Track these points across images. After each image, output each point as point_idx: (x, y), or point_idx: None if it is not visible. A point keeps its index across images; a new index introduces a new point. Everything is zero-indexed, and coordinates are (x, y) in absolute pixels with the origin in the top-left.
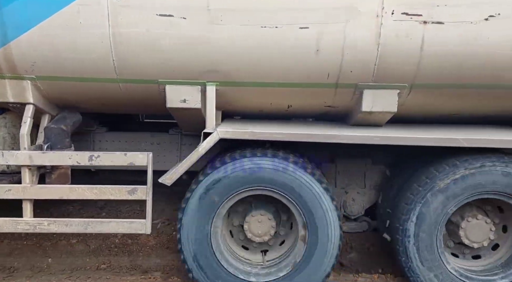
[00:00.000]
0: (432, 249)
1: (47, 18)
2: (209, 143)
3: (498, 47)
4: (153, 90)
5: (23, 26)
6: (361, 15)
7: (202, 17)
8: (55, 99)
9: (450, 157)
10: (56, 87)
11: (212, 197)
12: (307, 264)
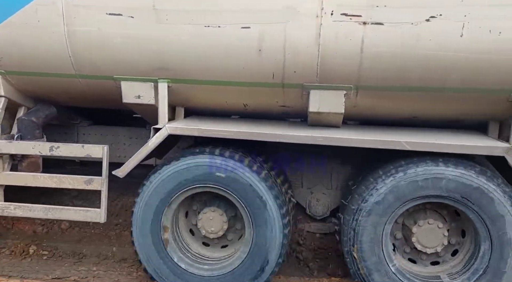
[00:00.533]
0: (376, 252)
1: (10, 17)
2: (158, 138)
3: (441, 48)
4: (111, 86)
5: None
6: (300, 15)
7: (149, 16)
8: (26, 93)
9: (400, 159)
10: (23, 81)
11: (160, 193)
12: (253, 260)
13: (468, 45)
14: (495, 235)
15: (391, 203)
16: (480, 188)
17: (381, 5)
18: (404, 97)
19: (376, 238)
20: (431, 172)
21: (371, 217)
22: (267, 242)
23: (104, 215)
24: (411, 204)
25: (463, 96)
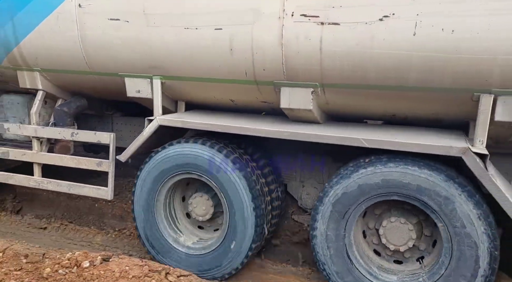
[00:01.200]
0: (338, 241)
1: (39, 24)
2: (151, 128)
3: (395, 47)
4: (119, 82)
5: (27, 30)
6: (265, 17)
7: (140, 20)
8: (60, 87)
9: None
10: (55, 77)
11: (153, 176)
12: (229, 244)
13: (422, 44)
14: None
15: (351, 199)
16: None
17: (337, 5)
18: (369, 95)
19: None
20: (397, 169)
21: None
22: (240, 226)
23: (111, 193)
24: (372, 201)
25: (424, 96)
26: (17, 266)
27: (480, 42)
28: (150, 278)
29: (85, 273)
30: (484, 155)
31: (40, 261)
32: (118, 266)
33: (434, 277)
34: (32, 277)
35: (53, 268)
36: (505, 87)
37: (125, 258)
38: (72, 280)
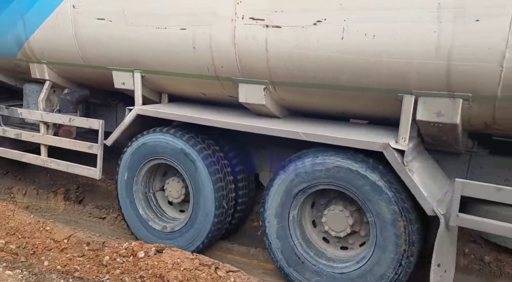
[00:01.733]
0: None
1: (43, 22)
2: (130, 117)
3: (327, 50)
4: (109, 74)
5: (34, 27)
6: (220, 19)
7: (121, 20)
8: (64, 78)
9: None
10: (59, 69)
11: (132, 161)
12: (194, 222)
13: (349, 47)
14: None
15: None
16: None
17: (279, 10)
18: (312, 93)
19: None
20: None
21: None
22: (202, 209)
23: (99, 173)
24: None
25: (358, 95)
26: (80, 253)
27: (398, 47)
28: (201, 271)
29: (140, 262)
30: (402, 150)
31: (100, 249)
32: (171, 258)
33: (363, 261)
34: (93, 263)
35: (111, 256)
36: (422, 89)
37: (177, 250)
38: (128, 268)
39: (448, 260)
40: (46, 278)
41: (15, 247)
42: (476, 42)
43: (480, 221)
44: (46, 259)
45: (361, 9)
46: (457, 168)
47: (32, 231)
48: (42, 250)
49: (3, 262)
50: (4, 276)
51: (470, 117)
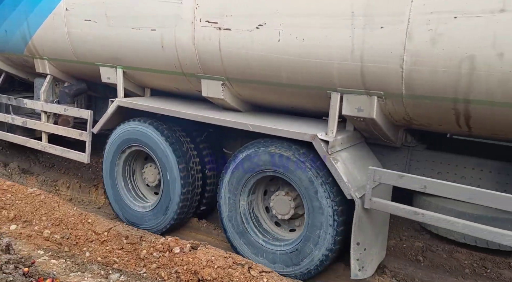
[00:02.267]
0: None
1: (43, 22)
2: (112, 107)
3: (268, 51)
4: (97, 69)
5: (36, 27)
6: (183, 21)
7: (104, 21)
8: (64, 72)
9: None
10: (57, 64)
11: (114, 147)
12: (164, 201)
13: (284, 49)
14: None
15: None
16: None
17: (229, 14)
18: (261, 89)
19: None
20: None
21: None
22: (171, 191)
23: (87, 158)
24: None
25: (297, 92)
26: (119, 246)
27: (322, 50)
28: (234, 270)
29: (176, 258)
30: (327, 141)
31: (138, 243)
32: (205, 255)
33: (297, 241)
34: (131, 256)
35: (148, 251)
36: (345, 87)
37: (211, 248)
38: (164, 263)
39: (367, 240)
40: (87, 269)
41: (59, 237)
42: (381, 47)
43: (388, 204)
44: (87, 250)
45: (292, 15)
46: (397, 161)
47: (75, 222)
48: (84, 241)
49: (49, 251)
50: (49, 265)
51: (390, 113)
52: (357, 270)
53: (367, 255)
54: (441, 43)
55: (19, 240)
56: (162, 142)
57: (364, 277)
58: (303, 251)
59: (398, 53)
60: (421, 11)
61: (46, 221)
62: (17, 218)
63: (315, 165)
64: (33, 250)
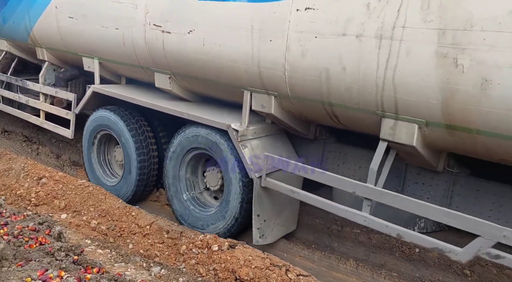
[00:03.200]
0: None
1: (40, 17)
2: (88, 93)
3: (196, 52)
4: (81, 59)
5: (35, 20)
6: (138, 23)
7: (82, 19)
8: (59, 59)
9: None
10: (53, 53)
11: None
12: (127, 176)
13: (207, 52)
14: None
15: (179, 152)
16: (216, 142)
17: (169, 20)
18: (197, 84)
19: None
20: (193, 134)
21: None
22: (129, 168)
23: (72, 134)
24: (192, 153)
25: (223, 88)
26: (160, 240)
27: (234, 55)
28: (271, 271)
29: (214, 255)
30: (238, 130)
31: (178, 238)
32: (243, 255)
33: (218, 207)
34: (171, 251)
35: (188, 246)
36: (251, 86)
37: (249, 247)
38: (203, 260)
39: (267, 213)
40: (130, 260)
41: (105, 228)
42: (271, 56)
43: (277, 184)
44: (130, 242)
45: (212, 25)
46: (314, 151)
47: (120, 215)
48: (127, 234)
49: (96, 241)
50: (96, 254)
51: (288, 109)
52: (258, 237)
53: (267, 225)
54: (308, 56)
55: (69, 229)
56: (123, 127)
57: (264, 243)
58: (220, 214)
59: (281, 62)
60: (295, 30)
61: (93, 212)
62: (67, 207)
63: (230, 147)
64: (81, 239)
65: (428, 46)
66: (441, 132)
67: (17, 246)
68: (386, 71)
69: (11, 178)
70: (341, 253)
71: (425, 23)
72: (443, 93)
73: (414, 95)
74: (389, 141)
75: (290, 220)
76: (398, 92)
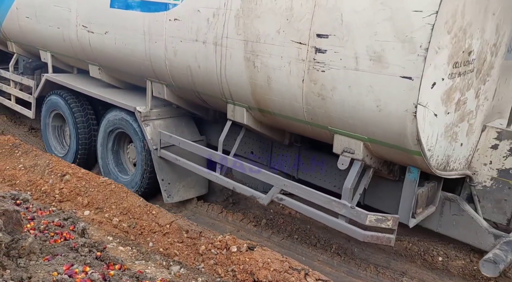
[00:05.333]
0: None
1: (6, 15)
2: (42, 81)
3: (111, 49)
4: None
5: (3, 17)
6: (71, 24)
7: (35, 19)
8: (25, 50)
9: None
10: (19, 45)
11: (45, 109)
12: (70, 149)
13: (118, 49)
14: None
15: (105, 131)
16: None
17: (92, 22)
18: (118, 73)
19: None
20: (114, 115)
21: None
22: (73, 140)
23: (33, 114)
24: (115, 131)
25: (134, 78)
26: (179, 239)
27: (135, 52)
28: (290, 275)
29: (233, 256)
30: (142, 113)
31: (197, 238)
32: (261, 257)
33: (133, 174)
34: (190, 250)
35: (207, 247)
36: (150, 77)
37: (267, 250)
38: (222, 260)
39: (169, 177)
40: (151, 258)
41: (126, 225)
42: (156, 53)
43: (167, 154)
44: (150, 240)
45: (120, 27)
46: (212, 130)
47: (140, 213)
48: (148, 232)
49: (117, 238)
50: (117, 251)
51: (179, 96)
52: (166, 197)
53: (172, 187)
54: (178, 55)
55: (92, 225)
56: (69, 110)
57: (172, 201)
58: (135, 179)
59: (163, 58)
60: (169, 35)
61: (115, 209)
62: (90, 204)
63: (137, 126)
64: (104, 236)
65: (240, 52)
66: (258, 114)
67: (43, 240)
68: (221, 70)
69: (36, 174)
70: (361, 259)
71: (238, 35)
72: (251, 86)
73: (237, 87)
74: (232, 121)
75: (198, 185)
76: (229, 85)
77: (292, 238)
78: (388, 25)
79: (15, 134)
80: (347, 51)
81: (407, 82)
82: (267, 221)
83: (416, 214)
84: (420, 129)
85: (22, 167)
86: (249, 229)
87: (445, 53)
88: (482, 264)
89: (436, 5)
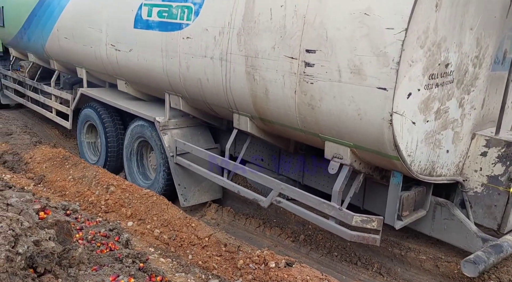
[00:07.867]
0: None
1: (49, 36)
2: (78, 94)
3: (135, 65)
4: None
5: (46, 38)
6: (102, 43)
7: (72, 39)
8: (65, 68)
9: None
10: (59, 63)
11: (80, 119)
12: (101, 154)
13: (141, 65)
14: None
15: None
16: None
17: (119, 42)
18: (141, 87)
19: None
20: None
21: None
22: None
23: (70, 125)
24: (138, 140)
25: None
26: (218, 252)
27: (154, 68)
28: None
29: (271, 272)
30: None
31: (235, 252)
32: (300, 274)
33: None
34: (228, 264)
35: (245, 261)
36: (167, 90)
37: (306, 267)
38: (259, 276)
39: (186, 182)
40: (190, 271)
41: (167, 237)
42: (173, 69)
43: (182, 160)
44: (190, 253)
45: (141, 46)
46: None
47: (180, 225)
48: (187, 244)
49: (158, 249)
50: (159, 263)
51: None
52: (183, 201)
53: (188, 191)
54: (190, 70)
55: (134, 236)
56: (99, 120)
57: (188, 205)
58: (155, 183)
59: (177, 73)
60: (182, 51)
61: (156, 221)
62: (133, 215)
63: (157, 135)
64: (146, 247)
65: (242, 67)
66: (259, 122)
67: (90, 250)
68: (226, 82)
69: (84, 185)
70: (405, 280)
71: (240, 51)
72: (252, 97)
73: (240, 98)
74: (238, 129)
75: (212, 189)
76: (234, 96)
77: (332, 255)
78: (365, 41)
79: (66, 147)
80: (331, 65)
81: (383, 92)
82: (305, 237)
83: (403, 216)
84: (398, 136)
85: (71, 178)
86: (287, 245)
87: (419, 66)
88: (463, 265)
89: (405, 23)
